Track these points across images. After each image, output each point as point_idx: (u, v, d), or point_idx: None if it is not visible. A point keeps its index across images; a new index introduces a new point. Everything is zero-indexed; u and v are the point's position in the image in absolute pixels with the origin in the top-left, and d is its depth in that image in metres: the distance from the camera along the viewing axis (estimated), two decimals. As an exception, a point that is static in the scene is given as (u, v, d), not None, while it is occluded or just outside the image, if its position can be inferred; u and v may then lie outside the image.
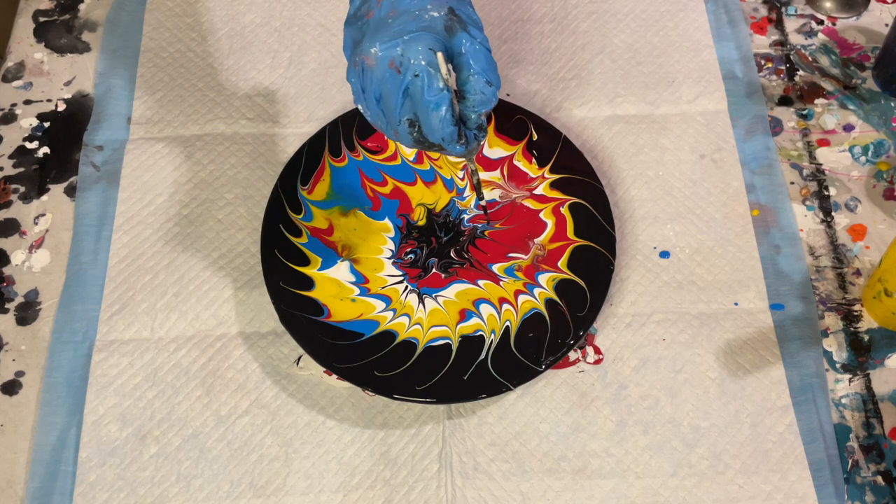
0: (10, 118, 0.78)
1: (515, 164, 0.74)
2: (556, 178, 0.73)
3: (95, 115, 0.78)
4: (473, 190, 0.67)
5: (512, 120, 0.75)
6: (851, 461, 0.63)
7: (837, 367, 0.66)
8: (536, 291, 0.68)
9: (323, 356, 0.64)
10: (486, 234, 0.71)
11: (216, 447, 0.64)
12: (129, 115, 0.78)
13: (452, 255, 0.70)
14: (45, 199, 0.74)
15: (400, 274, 0.69)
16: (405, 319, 0.67)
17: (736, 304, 0.69)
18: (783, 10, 0.84)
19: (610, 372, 0.66)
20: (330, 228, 0.71)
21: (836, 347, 0.67)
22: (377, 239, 0.71)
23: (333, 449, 0.64)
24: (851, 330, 0.68)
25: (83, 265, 0.70)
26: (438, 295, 0.68)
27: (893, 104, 0.78)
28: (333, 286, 0.68)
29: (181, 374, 0.66)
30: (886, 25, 0.82)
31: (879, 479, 0.62)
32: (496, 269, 0.69)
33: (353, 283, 0.68)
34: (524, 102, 0.78)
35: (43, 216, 0.74)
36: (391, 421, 0.64)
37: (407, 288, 0.69)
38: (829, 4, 0.83)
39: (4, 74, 0.81)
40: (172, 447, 0.64)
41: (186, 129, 0.77)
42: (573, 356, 0.67)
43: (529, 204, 0.72)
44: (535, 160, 0.74)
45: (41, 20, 0.84)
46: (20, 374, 0.67)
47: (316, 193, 0.72)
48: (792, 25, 0.83)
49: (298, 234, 0.70)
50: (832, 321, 0.68)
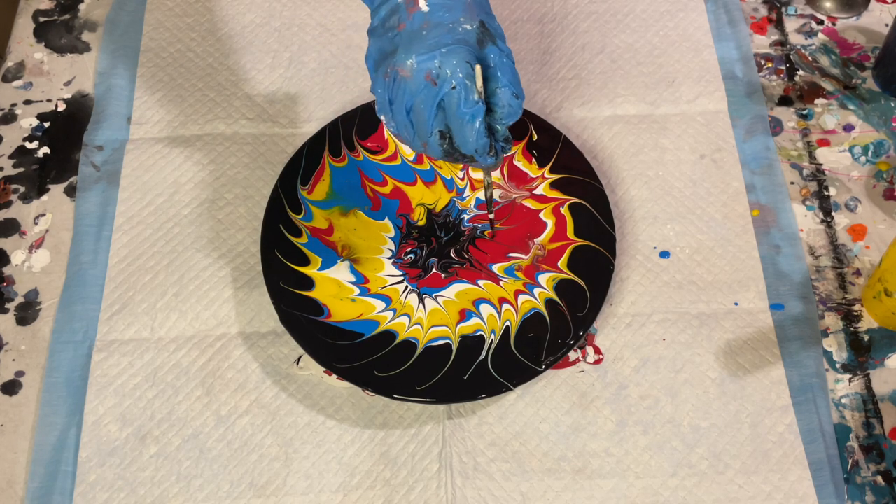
0: (10, 118, 0.78)
1: (515, 164, 0.74)
2: (556, 178, 0.73)
3: (95, 115, 0.78)
4: (486, 204, 0.67)
5: (512, 120, 0.75)
6: (851, 461, 0.63)
7: (837, 367, 0.66)
8: (536, 291, 0.68)
9: (323, 356, 0.64)
10: (486, 234, 0.71)
11: (216, 447, 0.64)
12: (129, 115, 0.78)
13: (452, 255, 0.70)
14: (45, 199, 0.74)
15: (400, 274, 0.69)
16: (405, 319, 0.67)
17: (736, 304, 0.69)
18: (783, 10, 0.84)
19: (610, 372, 0.66)
20: (330, 228, 0.71)
21: (836, 347, 0.67)
22: (377, 239, 0.71)
23: (333, 449, 0.64)
24: (851, 330, 0.68)
25: (83, 265, 0.70)
26: (438, 295, 0.68)
27: (893, 104, 0.78)
28: (333, 286, 0.68)
29: (181, 374, 0.66)
30: (886, 25, 0.82)
31: (879, 479, 0.62)
32: (496, 269, 0.69)
33: (353, 283, 0.68)
34: (524, 102, 0.77)
35: (43, 216, 0.74)
36: (391, 421, 0.64)
37: (407, 288, 0.69)
38: (829, 4, 0.83)
39: (4, 74, 0.81)
40: (172, 447, 0.64)
41: (186, 129, 0.77)
42: (573, 356, 0.67)
43: (529, 204, 0.72)
44: (535, 160, 0.74)
45: (41, 20, 0.84)
46: (20, 374, 0.67)
47: (316, 193, 0.72)
48: (792, 25, 0.83)
49: (298, 234, 0.70)
50: (832, 321, 0.68)
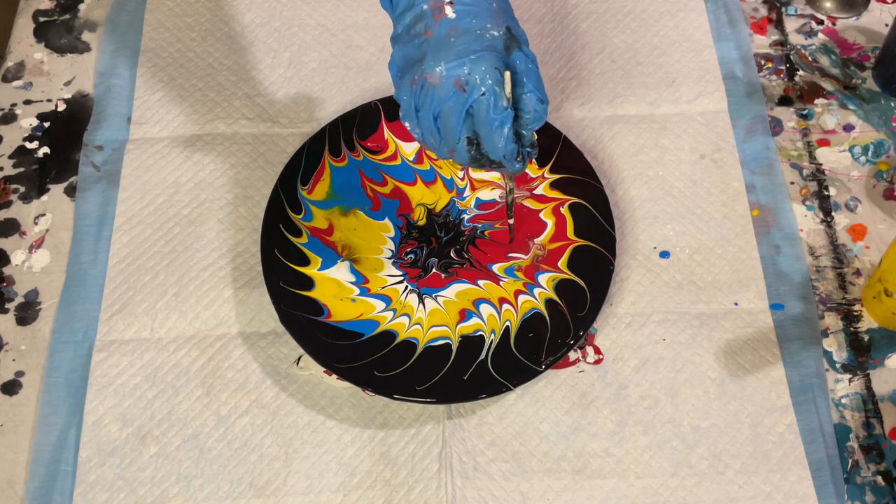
0: (10, 118, 0.78)
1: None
2: (556, 178, 0.73)
3: (95, 115, 0.78)
4: (507, 209, 0.67)
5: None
6: (851, 461, 0.63)
7: (837, 367, 0.66)
8: (536, 291, 0.68)
9: (323, 356, 0.64)
10: (486, 234, 0.71)
11: (216, 447, 0.64)
12: (129, 115, 0.78)
13: (452, 255, 0.70)
14: (45, 199, 0.74)
15: (400, 274, 0.69)
16: (405, 319, 0.67)
17: (736, 304, 0.69)
18: (783, 10, 0.84)
19: (610, 372, 0.66)
20: (330, 228, 0.71)
21: (836, 347, 0.67)
22: (377, 239, 0.71)
23: (333, 449, 0.64)
24: (851, 330, 0.68)
25: (83, 265, 0.70)
26: (438, 295, 0.68)
27: (893, 104, 0.78)
28: (333, 286, 0.68)
29: (181, 374, 0.66)
30: (886, 25, 0.82)
31: (879, 479, 0.62)
32: (496, 269, 0.69)
33: (353, 283, 0.68)
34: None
35: (43, 216, 0.74)
36: (391, 421, 0.64)
37: (407, 288, 0.69)
38: (829, 4, 0.83)
39: (4, 74, 0.81)
40: (172, 447, 0.64)
41: (186, 129, 0.77)
42: (573, 356, 0.67)
43: (529, 204, 0.72)
44: (534, 160, 0.73)
45: (41, 20, 0.84)
46: (20, 374, 0.67)
47: (316, 193, 0.72)
48: (792, 25, 0.83)
49: (298, 234, 0.70)
50: (832, 321, 0.68)
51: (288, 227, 0.70)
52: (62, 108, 0.79)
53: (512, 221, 0.68)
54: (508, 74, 0.54)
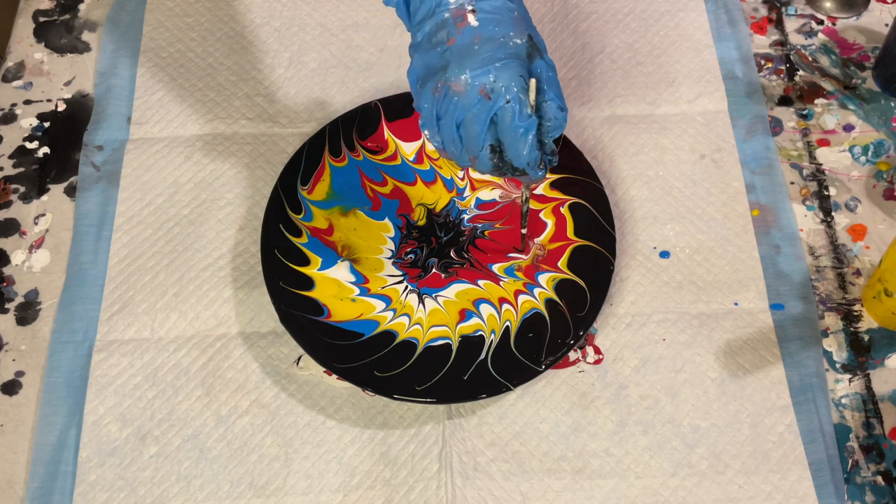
0: (10, 118, 0.78)
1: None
2: (556, 178, 0.73)
3: (95, 115, 0.78)
4: (521, 218, 0.67)
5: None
6: (851, 461, 0.63)
7: (837, 367, 0.66)
8: (536, 291, 0.68)
9: (323, 356, 0.64)
10: (486, 234, 0.71)
11: (216, 447, 0.64)
12: (129, 115, 0.78)
13: (452, 255, 0.70)
14: (45, 199, 0.74)
15: (400, 274, 0.69)
16: (405, 319, 0.67)
17: (736, 304, 0.69)
18: (783, 10, 0.84)
19: (610, 372, 0.66)
20: (330, 228, 0.71)
21: (836, 347, 0.67)
22: (377, 239, 0.71)
23: (333, 449, 0.64)
24: (851, 330, 0.68)
25: (83, 265, 0.70)
26: (438, 295, 0.68)
27: (893, 104, 0.78)
28: (333, 286, 0.68)
29: (181, 374, 0.66)
30: (886, 25, 0.82)
31: (879, 479, 0.62)
32: (496, 269, 0.69)
33: (353, 283, 0.68)
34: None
35: (43, 216, 0.74)
36: (391, 421, 0.64)
37: (407, 288, 0.69)
38: (829, 4, 0.83)
39: (4, 74, 0.81)
40: (172, 447, 0.64)
41: (186, 129, 0.77)
42: (573, 356, 0.67)
43: (530, 204, 0.72)
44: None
45: (41, 20, 0.84)
46: (20, 374, 0.67)
47: (316, 193, 0.72)
48: (792, 25, 0.83)
49: (298, 234, 0.70)
50: (832, 321, 0.68)
51: (288, 227, 0.70)
52: (62, 108, 0.79)
53: (525, 231, 0.68)
54: (534, 82, 0.54)
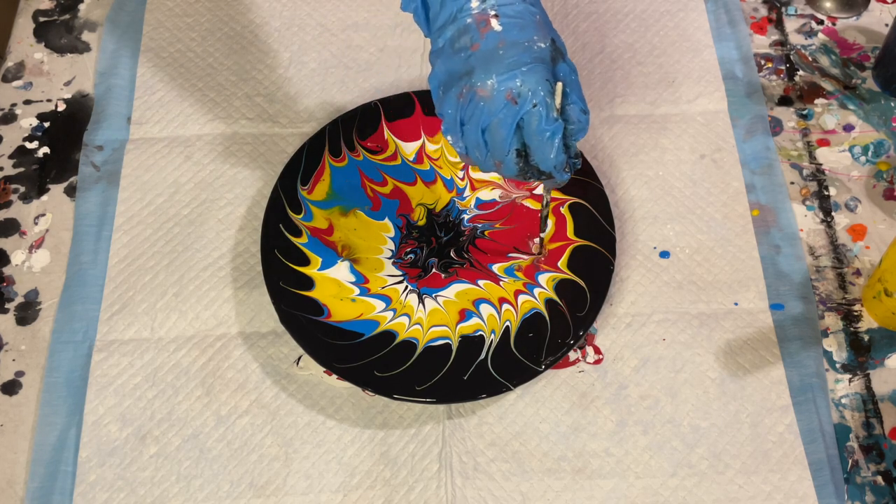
0: (10, 118, 0.78)
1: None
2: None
3: (95, 115, 0.78)
4: (541, 223, 0.67)
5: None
6: (851, 461, 0.63)
7: (837, 367, 0.66)
8: (536, 291, 0.68)
9: (323, 356, 0.64)
10: (486, 234, 0.71)
11: (216, 447, 0.64)
12: (129, 115, 0.78)
13: (452, 254, 0.70)
14: (45, 199, 0.74)
15: (400, 274, 0.69)
16: (405, 319, 0.67)
17: (736, 304, 0.69)
18: (783, 10, 0.84)
19: (610, 372, 0.66)
20: (330, 228, 0.71)
21: (836, 347, 0.67)
22: (377, 239, 0.71)
23: (333, 449, 0.64)
24: (851, 330, 0.68)
25: (83, 265, 0.70)
26: (438, 295, 0.68)
27: (893, 104, 0.78)
28: (333, 286, 0.68)
29: (181, 374, 0.66)
30: (886, 25, 0.82)
31: (879, 479, 0.62)
32: (496, 269, 0.69)
33: (353, 283, 0.68)
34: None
35: (43, 216, 0.74)
36: (391, 421, 0.64)
37: (407, 288, 0.69)
38: (829, 4, 0.83)
39: (4, 74, 0.81)
40: (172, 447, 0.64)
41: (186, 129, 0.77)
42: (573, 356, 0.67)
43: (529, 204, 0.72)
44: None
45: (41, 20, 0.84)
46: (20, 374, 0.67)
47: (316, 193, 0.72)
48: (792, 25, 0.83)
49: (298, 234, 0.70)
50: (832, 321, 0.68)
51: (288, 227, 0.70)
52: (62, 108, 0.79)
53: (543, 235, 0.68)
54: (560, 85, 0.54)
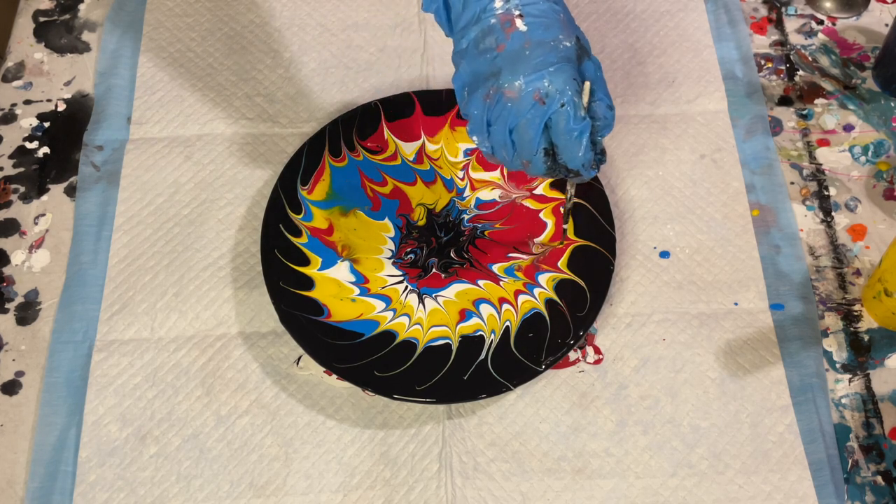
0: (10, 118, 0.79)
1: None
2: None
3: (95, 115, 0.78)
4: (564, 215, 0.67)
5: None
6: (851, 461, 0.63)
7: (837, 367, 0.66)
8: (536, 291, 0.68)
9: (323, 356, 0.64)
10: (486, 234, 0.71)
11: (216, 447, 0.64)
12: (129, 115, 0.78)
13: (452, 255, 0.70)
14: (45, 199, 0.74)
15: (400, 274, 0.69)
16: (405, 319, 0.67)
17: (736, 304, 0.69)
18: (783, 10, 0.84)
19: (610, 372, 0.66)
20: (330, 228, 0.71)
21: (836, 347, 0.67)
22: (377, 239, 0.71)
23: (333, 449, 0.64)
24: (851, 330, 0.68)
25: (83, 265, 0.70)
26: (438, 295, 0.68)
27: (893, 104, 0.78)
28: (333, 286, 0.68)
29: (181, 374, 0.66)
30: (886, 25, 0.82)
31: (879, 479, 0.62)
32: (496, 269, 0.69)
33: (353, 283, 0.68)
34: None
35: (43, 216, 0.74)
36: (391, 421, 0.64)
37: (407, 288, 0.69)
38: (829, 4, 0.83)
39: (4, 74, 0.81)
40: (172, 447, 0.64)
41: (186, 129, 0.77)
42: (573, 356, 0.67)
43: (529, 204, 0.72)
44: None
45: (41, 20, 0.84)
46: (20, 374, 0.67)
47: (316, 193, 0.72)
48: (792, 25, 0.83)
49: (298, 234, 0.70)
50: (832, 321, 0.68)
51: (288, 227, 0.70)
52: (62, 108, 0.79)
53: (566, 226, 0.68)
54: (588, 85, 0.54)
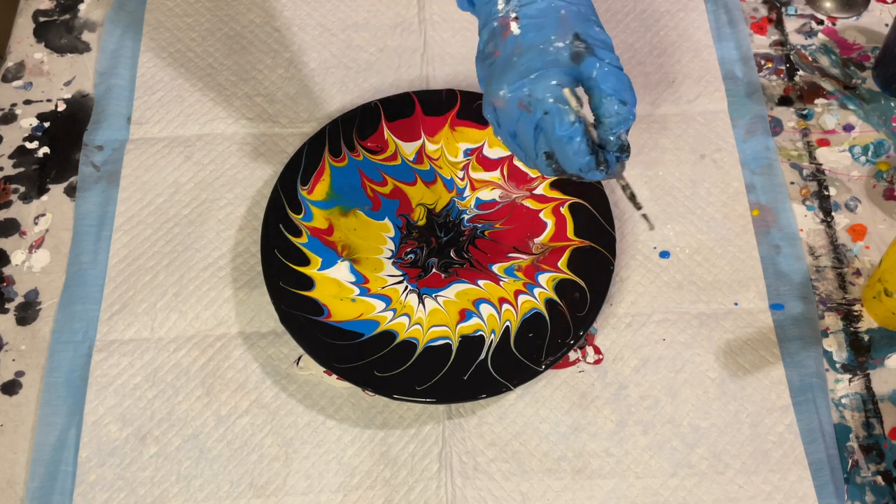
0: (10, 118, 0.78)
1: (515, 163, 0.74)
2: (555, 177, 0.72)
3: (95, 115, 0.78)
4: (631, 201, 0.63)
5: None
6: (851, 461, 0.63)
7: (837, 367, 0.66)
8: (536, 291, 0.68)
9: (323, 356, 0.64)
10: (486, 234, 0.71)
11: (216, 447, 0.64)
12: (129, 115, 0.78)
13: (452, 255, 0.70)
14: (45, 199, 0.74)
15: (400, 274, 0.69)
16: (405, 319, 0.67)
17: (736, 304, 0.69)
18: (783, 10, 0.84)
19: (610, 372, 0.66)
20: (330, 228, 0.71)
21: (836, 347, 0.67)
22: (377, 239, 0.71)
23: (333, 449, 0.64)
24: (851, 330, 0.68)
25: (83, 265, 0.70)
26: (438, 295, 0.68)
27: (893, 104, 0.78)
28: (333, 286, 0.68)
29: (181, 374, 0.66)
30: (886, 25, 0.82)
31: (879, 479, 0.62)
32: (496, 269, 0.69)
33: (353, 283, 0.68)
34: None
35: (43, 216, 0.74)
36: (391, 421, 0.64)
37: (407, 288, 0.69)
38: (829, 4, 0.83)
39: (4, 74, 0.81)
40: (172, 447, 0.64)
41: (186, 129, 0.77)
42: (573, 356, 0.67)
43: (529, 204, 0.72)
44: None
45: (41, 20, 0.84)
46: (20, 374, 0.67)
47: (316, 193, 0.72)
48: (792, 25, 0.83)
49: (298, 234, 0.70)
50: (832, 321, 0.68)
51: (288, 227, 0.70)
52: (62, 108, 0.79)
53: (644, 212, 0.62)
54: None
